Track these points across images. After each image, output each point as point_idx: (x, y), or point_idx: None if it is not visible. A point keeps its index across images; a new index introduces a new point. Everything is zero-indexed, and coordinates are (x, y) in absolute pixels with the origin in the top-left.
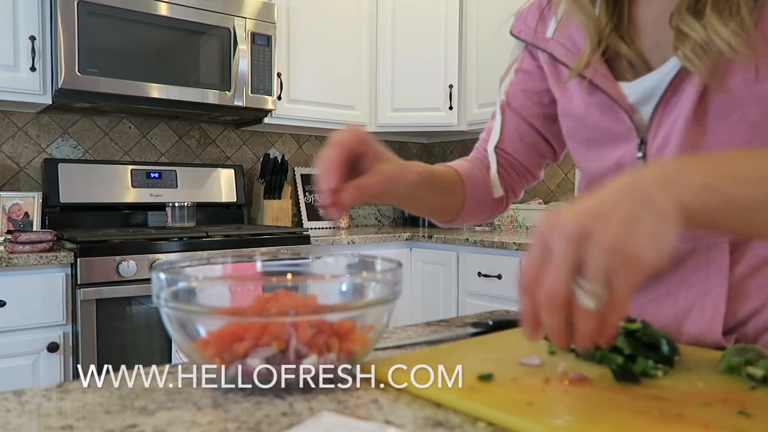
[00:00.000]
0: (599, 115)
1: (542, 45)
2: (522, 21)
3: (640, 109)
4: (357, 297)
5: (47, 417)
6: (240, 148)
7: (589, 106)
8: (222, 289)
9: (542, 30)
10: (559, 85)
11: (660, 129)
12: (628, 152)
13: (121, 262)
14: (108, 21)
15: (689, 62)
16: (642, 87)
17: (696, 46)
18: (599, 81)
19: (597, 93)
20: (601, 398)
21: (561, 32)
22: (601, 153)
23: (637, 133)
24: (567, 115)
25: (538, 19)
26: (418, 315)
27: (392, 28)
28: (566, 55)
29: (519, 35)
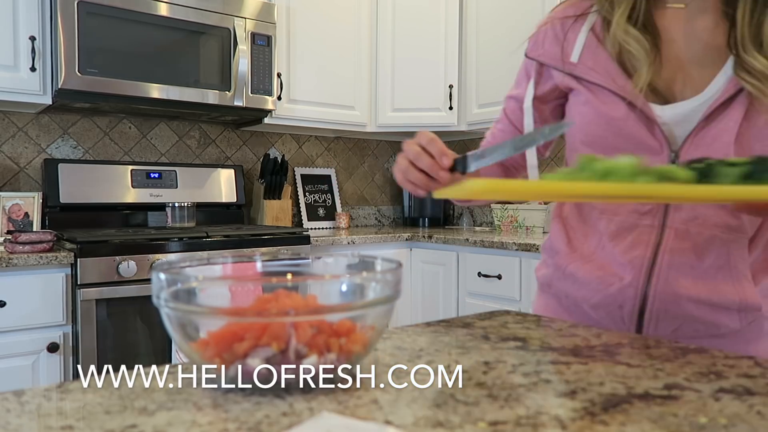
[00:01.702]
0: (634, 128)
1: (570, 70)
2: (540, 46)
3: (671, 128)
4: (357, 297)
5: (47, 417)
6: (240, 148)
7: (624, 119)
8: (222, 289)
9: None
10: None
11: (693, 147)
12: (657, 162)
13: (121, 263)
14: (108, 21)
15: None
16: (674, 111)
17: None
18: (637, 102)
19: (634, 110)
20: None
21: (588, 57)
22: None
23: (669, 147)
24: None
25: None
26: (418, 315)
27: (392, 28)
28: (598, 78)
29: (539, 58)
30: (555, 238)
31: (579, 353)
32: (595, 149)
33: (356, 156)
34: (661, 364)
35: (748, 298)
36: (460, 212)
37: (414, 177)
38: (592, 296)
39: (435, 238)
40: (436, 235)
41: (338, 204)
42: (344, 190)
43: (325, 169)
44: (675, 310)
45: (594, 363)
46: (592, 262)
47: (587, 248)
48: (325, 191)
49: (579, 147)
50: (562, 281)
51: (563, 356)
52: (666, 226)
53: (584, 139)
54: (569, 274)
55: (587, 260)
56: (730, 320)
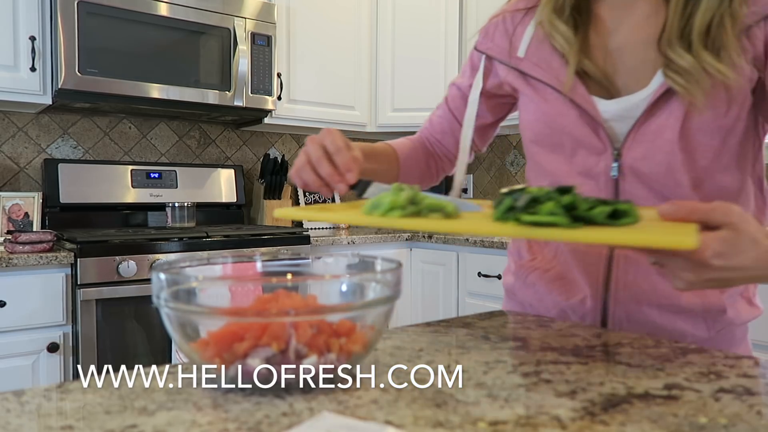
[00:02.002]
0: (577, 127)
1: (516, 64)
2: (489, 39)
3: (613, 125)
4: (357, 297)
5: (47, 417)
6: (240, 148)
7: (568, 117)
8: (222, 289)
9: (513, 49)
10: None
11: (635, 143)
12: (602, 161)
13: (121, 263)
14: (108, 21)
15: (680, 87)
16: (618, 106)
17: (688, 74)
18: (579, 100)
19: (577, 108)
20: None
21: (533, 52)
22: (571, 159)
23: (612, 146)
24: (540, 122)
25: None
26: (418, 315)
27: (392, 28)
28: (542, 74)
29: (488, 52)
30: (519, 242)
31: (579, 353)
32: (542, 147)
33: None
34: (661, 364)
35: (710, 300)
36: None
37: (309, 178)
38: (553, 308)
39: (435, 238)
40: (436, 235)
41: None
42: None
43: None
44: (638, 319)
45: (594, 363)
46: (551, 272)
47: (547, 255)
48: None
49: (528, 145)
50: (524, 290)
51: (563, 356)
52: None
53: (532, 137)
54: (530, 283)
55: (546, 269)
56: (695, 328)
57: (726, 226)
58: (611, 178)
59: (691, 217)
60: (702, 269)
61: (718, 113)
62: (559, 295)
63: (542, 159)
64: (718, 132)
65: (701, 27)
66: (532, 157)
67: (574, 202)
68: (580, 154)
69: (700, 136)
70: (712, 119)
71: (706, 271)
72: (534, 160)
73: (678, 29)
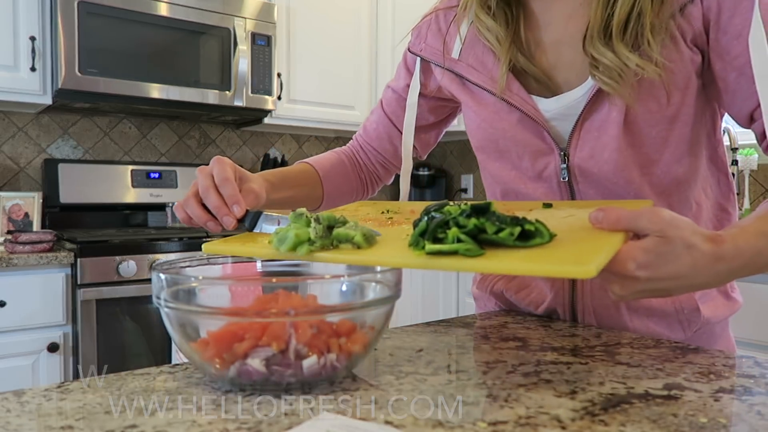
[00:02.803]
0: (519, 131)
1: (450, 66)
2: (422, 40)
3: (557, 124)
4: (357, 297)
5: (47, 417)
6: (240, 148)
7: (508, 121)
8: (222, 289)
9: (447, 50)
10: (472, 102)
11: (581, 142)
12: (551, 163)
13: (121, 263)
14: (108, 21)
15: (607, 86)
16: (559, 104)
17: (611, 71)
18: (516, 101)
19: (516, 110)
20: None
21: (467, 53)
22: (518, 164)
23: (558, 147)
24: (480, 128)
25: (439, 39)
26: (418, 315)
27: (392, 28)
28: (477, 77)
29: (422, 54)
30: None
31: (579, 353)
32: (488, 154)
33: None
34: (661, 364)
35: (681, 299)
36: None
37: (194, 212)
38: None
39: None
40: None
41: None
42: None
43: None
44: (609, 324)
45: (594, 363)
46: (515, 281)
47: None
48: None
49: (476, 152)
50: (492, 300)
51: (563, 356)
52: None
53: (476, 144)
54: (496, 292)
55: (510, 278)
56: (671, 330)
57: (653, 234)
58: (562, 180)
59: (618, 226)
60: (628, 282)
61: (660, 103)
62: (528, 305)
63: (490, 166)
64: (663, 122)
65: (620, 20)
66: (481, 164)
67: (482, 225)
68: (526, 158)
69: (645, 129)
70: (655, 110)
71: (632, 283)
72: (483, 167)
73: (600, 24)
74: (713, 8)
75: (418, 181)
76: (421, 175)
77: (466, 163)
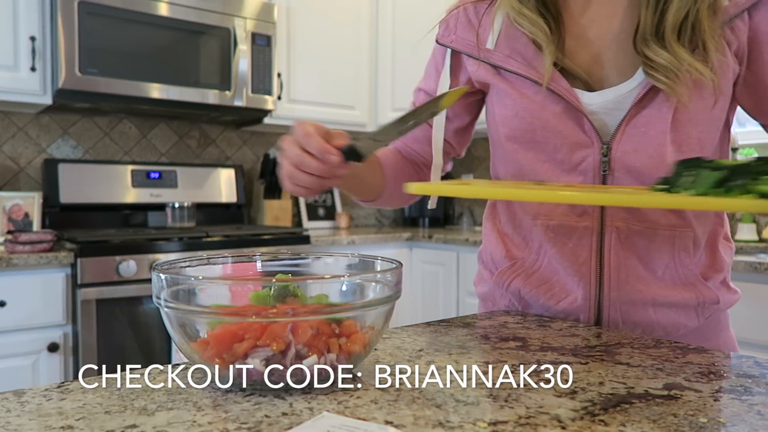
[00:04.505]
0: (561, 122)
1: (486, 57)
2: (452, 32)
3: (599, 118)
4: (357, 297)
5: (47, 417)
6: (240, 148)
7: (551, 111)
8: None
9: (480, 42)
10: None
11: (626, 137)
12: (589, 156)
13: (121, 263)
14: (108, 21)
15: (663, 84)
16: (604, 99)
17: (667, 71)
18: (562, 92)
19: (560, 101)
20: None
21: (503, 44)
22: (554, 156)
23: (600, 140)
24: (518, 117)
25: (471, 31)
26: (418, 315)
27: (392, 28)
28: (518, 66)
29: (452, 45)
30: (492, 249)
31: (579, 353)
32: (521, 144)
33: None
34: (661, 364)
35: (704, 293)
36: (460, 212)
37: (304, 181)
38: (541, 313)
39: (435, 238)
40: (436, 235)
41: (338, 204)
42: None
43: None
44: (634, 317)
45: (594, 363)
46: (534, 276)
47: (528, 259)
48: (325, 191)
49: (504, 143)
50: (505, 297)
51: (563, 356)
52: (605, 226)
53: (509, 134)
54: (513, 290)
55: (529, 274)
56: (688, 319)
57: None
58: (600, 174)
59: None
60: None
61: (707, 105)
62: (548, 299)
63: (521, 157)
64: (704, 124)
65: (675, 22)
66: (507, 155)
67: None
68: (564, 149)
69: (689, 128)
70: (702, 111)
71: None
72: (510, 157)
73: (652, 25)
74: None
75: None
76: None
77: (466, 162)
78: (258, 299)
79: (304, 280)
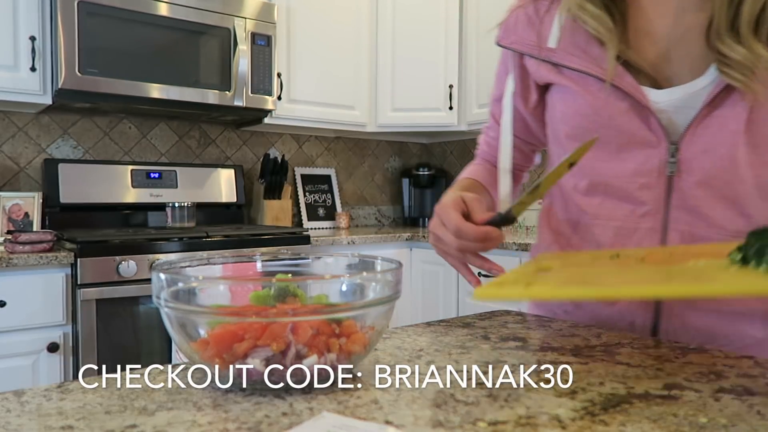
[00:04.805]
0: (626, 119)
1: (547, 56)
2: (513, 33)
3: (667, 116)
4: (357, 297)
5: (47, 417)
6: (240, 148)
7: (616, 108)
8: (222, 289)
9: (542, 41)
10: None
11: (696, 137)
12: (655, 156)
13: (121, 263)
14: (108, 21)
15: (738, 81)
16: (673, 96)
17: (742, 67)
18: (628, 89)
19: (625, 98)
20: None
21: (566, 42)
22: (616, 155)
23: (667, 139)
24: (580, 114)
25: (531, 31)
26: (418, 315)
27: (392, 28)
28: (581, 63)
29: (512, 46)
30: (546, 248)
31: (579, 353)
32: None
33: (356, 156)
34: (661, 364)
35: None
36: None
37: (470, 273)
38: (592, 316)
39: None
40: None
41: (338, 204)
42: (344, 190)
43: (325, 169)
44: (695, 324)
45: (594, 363)
46: None
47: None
48: (325, 191)
49: (564, 141)
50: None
51: (563, 356)
52: (669, 229)
53: (569, 132)
54: None
55: None
56: (754, 329)
57: None
58: (666, 175)
59: None
60: None
61: None
62: (603, 303)
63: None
64: None
65: (751, 16)
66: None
67: None
68: (628, 149)
69: (763, 128)
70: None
71: None
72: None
73: (726, 19)
74: None
75: (418, 181)
76: (421, 174)
77: (466, 163)
78: (258, 299)
79: (304, 280)
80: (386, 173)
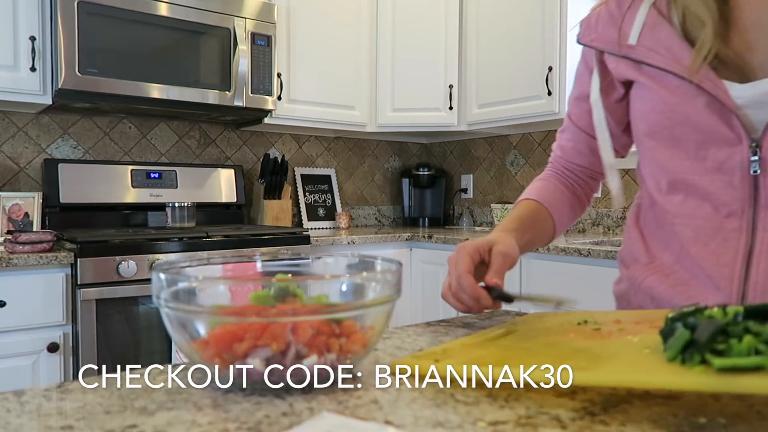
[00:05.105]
0: (704, 117)
1: (626, 53)
2: (593, 30)
3: (750, 112)
4: (357, 297)
5: (47, 417)
6: (240, 148)
7: (693, 106)
8: (222, 289)
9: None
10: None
11: None
12: (736, 155)
13: (121, 263)
14: (108, 21)
15: None
16: (756, 91)
17: None
18: (707, 85)
19: (703, 94)
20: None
21: (647, 38)
22: (695, 154)
23: (748, 137)
24: (657, 112)
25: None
26: (418, 315)
27: (392, 28)
28: (660, 60)
29: (593, 44)
30: (632, 246)
31: None
32: (660, 141)
33: (356, 156)
34: None
35: None
36: (460, 212)
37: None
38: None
39: (435, 238)
40: (436, 235)
41: (338, 204)
42: (344, 190)
43: (325, 169)
44: None
45: None
46: (671, 277)
47: (666, 259)
48: (325, 191)
49: (643, 139)
50: (638, 296)
51: None
52: (757, 229)
53: (647, 129)
54: (646, 288)
55: (666, 274)
56: None
57: None
58: (750, 174)
59: None
60: None
61: None
62: (684, 301)
63: (660, 154)
64: None
65: None
66: (646, 153)
67: None
68: (707, 147)
69: None
70: None
71: None
72: (649, 155)
73: None
74: None
75: (418, 181)
76: (421, 175)
77: (466, 163)
78: (258, 299)
79: (304, 280)
80: (386, 173)
